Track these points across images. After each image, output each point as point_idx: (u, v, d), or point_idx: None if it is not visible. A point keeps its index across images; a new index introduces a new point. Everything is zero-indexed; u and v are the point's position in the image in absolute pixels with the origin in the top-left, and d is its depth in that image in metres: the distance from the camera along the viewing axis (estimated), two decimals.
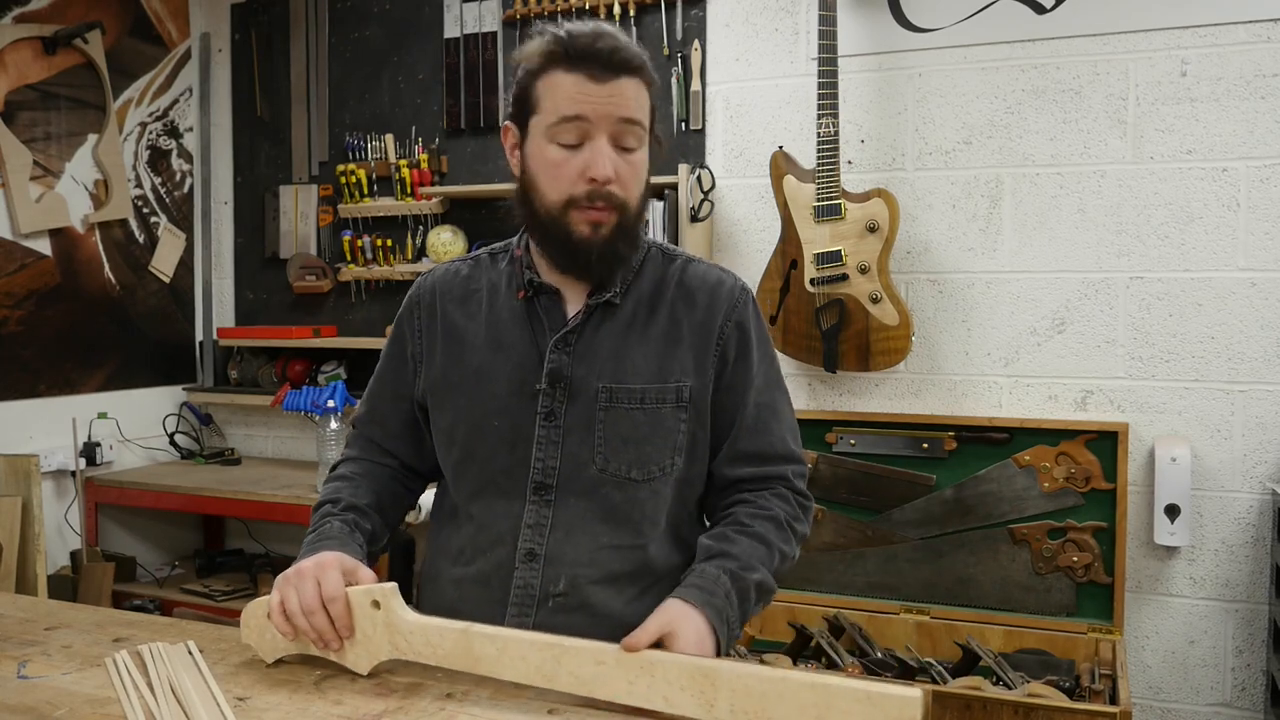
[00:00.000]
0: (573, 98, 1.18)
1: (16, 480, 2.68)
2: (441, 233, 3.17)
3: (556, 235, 1.23)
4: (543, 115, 1.21)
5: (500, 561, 1.26)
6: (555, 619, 1.22)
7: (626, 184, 1.22)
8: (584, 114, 1.18)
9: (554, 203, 1.22)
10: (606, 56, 1.18)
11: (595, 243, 1.22)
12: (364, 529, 1.28)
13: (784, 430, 1.32)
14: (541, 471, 1.26)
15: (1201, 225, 2.47)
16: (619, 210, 1.22)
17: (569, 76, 1.19)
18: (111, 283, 3.32)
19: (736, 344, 1.30)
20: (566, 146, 1.20)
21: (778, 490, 1.30)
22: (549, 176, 1.21)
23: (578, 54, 1.18)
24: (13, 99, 3.00)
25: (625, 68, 1.19)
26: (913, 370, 2.73)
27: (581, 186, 1.20)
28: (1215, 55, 2.44)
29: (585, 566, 1.24)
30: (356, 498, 1.32)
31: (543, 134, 1.21)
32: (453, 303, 1.35)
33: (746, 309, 1.32)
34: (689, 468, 1.29)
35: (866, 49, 2.73)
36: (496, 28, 3.16)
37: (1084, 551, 2.47)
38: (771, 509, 1.27)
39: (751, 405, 1.29)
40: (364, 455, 1.41)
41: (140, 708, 1.02)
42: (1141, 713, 2.54)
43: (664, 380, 1.26)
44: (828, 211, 2.55)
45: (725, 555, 1.21)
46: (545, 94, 1.20)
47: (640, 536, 1.26)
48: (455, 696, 1.05)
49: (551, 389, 1.26)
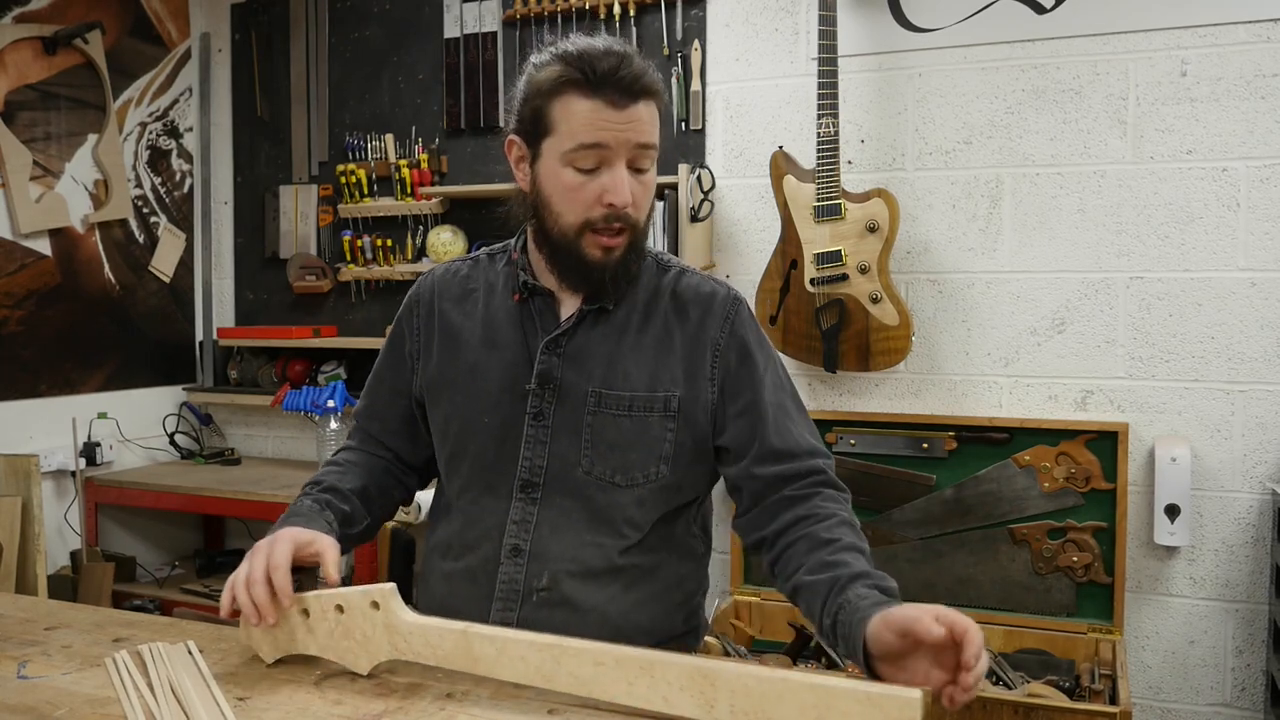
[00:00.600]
0: (592, 124, 1.18)
1: (16, 480, 2.68)
2: (441, 233, 3.17)
3: (570, 256, 1.25)
4: (558, 139, 1.21)
5: (487, 556, 1.29)
6: (539, 613, 1.24)
7: (641, 206, 1.24)
8: (604, 142, 1.19)
9: (569, 225, 1.23)
10: (628, 85, 1.18)
11: (608, 265, 1.24)
12: (338, 509, 1.30)
13: (804, 426, 1.31)
14: (529, 470, 1.28)
15: (1201, 225, 2.47)
16: (632, 231, 1.24)
17: (587, 102, 1.19)
18: (111, 283, 3.32)
19: (737, 352, 1.30)
20: (584, 171, 1.21)
21: (824, 493, 1.25)
22: (566, 200, 1.22)
23: (598, 80, 1.18)
24: (13, 99, 3.00)
25: (644, 94, 1.20)
26: (913, 370, 2.73)
27: (599, 210, 1.21)
28: (1215, 55, 2.44)
29: (568, 563, 1.26)
30: (341, 481, 1.35)
31: (558, 158, 1.21)
32: (450, 301, 1.38)
33: (740, 317, 1.32)
34: (676, 475, 1.29)
35: (866, 49, 2.73)
36: (496, 28, 3.16)
37: (1084, 551, 2.47)
38: (837, 512, 1.22)
39: (767, 405, 1.29)
40: (361, 446, 1.44)
41: (140, 708, 1.02)
42: (1141, 713, 2.54)
43: (654, 390, 1.27)
44: (828, 211, 2.55)
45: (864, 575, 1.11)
46: (561, 118, 1.20)
47: (622, 538, 1.27)
48: (455, 696, 1.05)
49: (541, 390, 1.28)
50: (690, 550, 1.36)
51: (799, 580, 1.16)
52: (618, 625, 1.25)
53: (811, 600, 1.13)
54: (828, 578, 1.12)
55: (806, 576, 1.15)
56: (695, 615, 1.38)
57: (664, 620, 1.31)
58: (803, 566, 1.16)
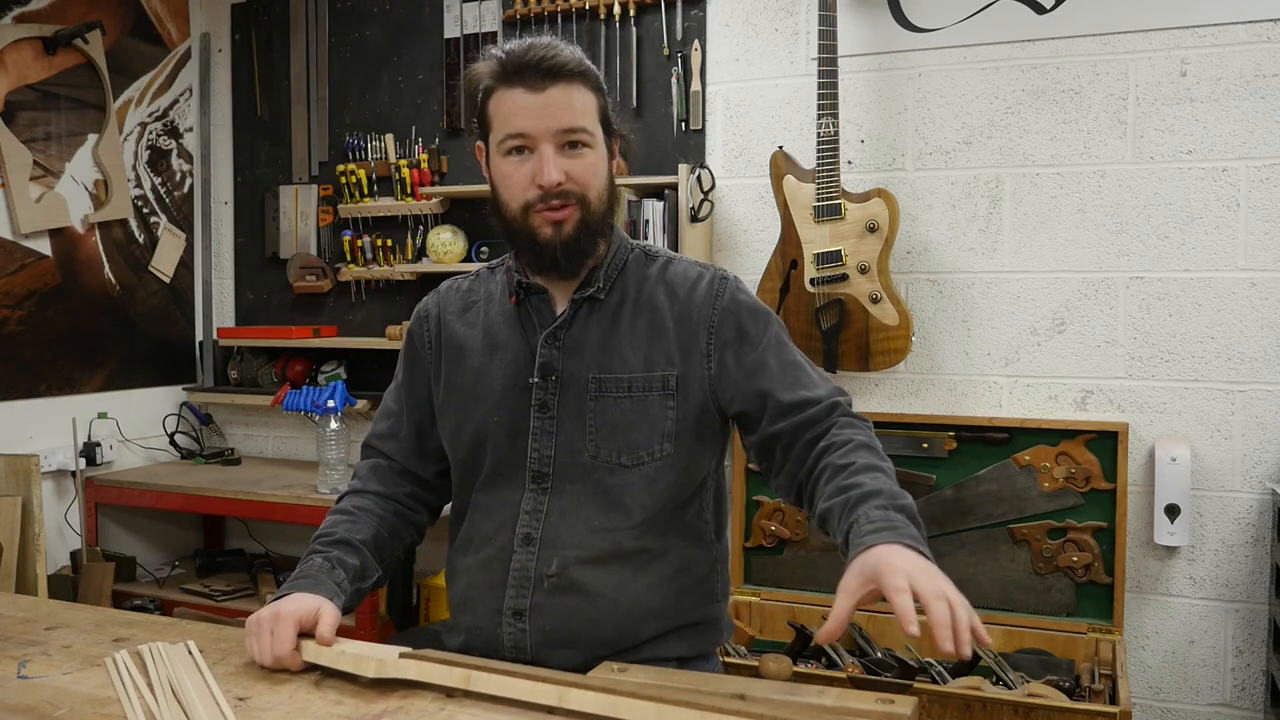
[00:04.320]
0: (515, 112, 1.26)
1: (16, 480, 2.68)
2: (441, 233, 3.17)
3: (524, 239, 1.31)
4: (495, 133, 1.29)
5: (502, 546, 1.32)
6: (551, 599, 1.28)
7: (581, 179, 1.28)
8: (525, 130, 1.26)
9: (515, 210, 1.30)
10: (536, 65, 1.24)
11: (558, 240, 1.28)
12: (349, 565, 1.31)
13: (813, 375, 1.33)
14: (538, 460, 1.32)
15: (1201, 225, 2.47)
16: (579, 204, 1.28)
17: (510, 92, 1.26)
18: (111, 283, 3.32)
19: (732, 324, 1.33)
20: (516, 158, 1.27)
21: (839, 421, 1.27)
22: (506, 187, 1.30)
23: (513, 68, 1.26)
24: (13, 99, 3.00)
25: (559, 74, 1.25)
26: (913, 370, 2.73)
27: (534, 192, 1.27)
28: (1215, 55, 2.44)
29: (576, 549, 1.29)
30: (352, 532, 1.35)
31: (496, 150, 1.29)
32: (454, 315, 1.44)
33: (728, 291, 1.35)
34: (680, 452, 1.32)
35: (866, 49, 2.73)
36: (497, 28, 3.16)
37: (1084, 551, 2.47)
38: (854, 437, 1.24)
39: (772, 365, 1.31)
40: (370, 485, 1.44)
41: (140, 708, 1.02)
42: (1141, 713, 2.54)
43: (650, 369, 1.31)
44: (828, 211, 2.55)
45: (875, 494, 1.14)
46: (495, 112, 1.29)
47: (630, 519, 1.30)
48: (455, 696, 1.05)
49: (544, 382, 1.33)
50: (699, 535, 1.37)
51: (821, 507, 1.19)
52: (628, 609, 1.28)
53: (829, 522, 1.17)
54: (841, 500, 1.15)
55: (825, 503, 1.18)
56: (709, 602, 1.38)
57: (674, 604, 1.32)
58: (824, 494, 1.19)
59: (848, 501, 1.15)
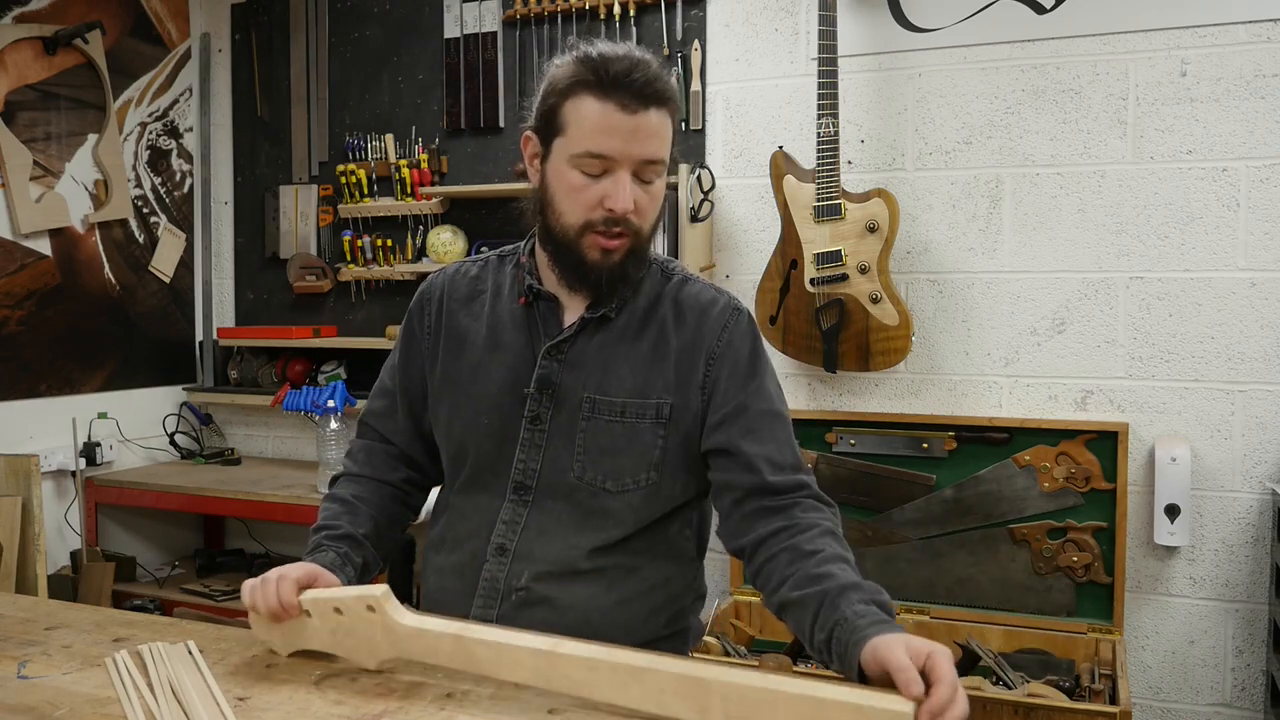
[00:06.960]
0: (603, 129, 1.19)
1: (16, 480, 2.68)
2: (441, 233, 3.17)
3: (570, 255, 1.26)
4: (568, 140, 1.22)
5: (474, 553, 1.30)
6: (519, 613, 1.26)
7: (644, 213, 1.25)
8: (610, 153, 1.20)
9: (570, 225, 1.24)
10: (639, 89, 1.19)
11: (605, 267, 1.24)
12: (355, 562, 1.31)
13: (788, 445, 1.28)
14: (522, 472, 1.30)
15: (1201, 225, 2.47)
16: (634, 236, 1.25)
17: (598, 105, 1.19)
18: (111, 283, 3.32)
19: (730, 362, 1.29)
20: (589, 174, 1.22)
21: (804, 504, 1.22)
22: (569, 200, 1.23)
23: (610, 82, 1.19)
24: (13, 99, 3.00)
25: (655, 99, 1.20)
26: (912, 370, 2.73)
27: (599, 213, 1.22)
28: (1215, 55, 2.44)
29: (549, 564, 1.27)
30: (354, 526, 1.34)
31: (566, 159, 1.22)
32: (458, 302, 1.40)
33: (738, 327, 1.31)
34: (665, 481, 1.29)
35: (866, 49, 2.73)
36: (496, 28, 3.16)
37: (1084, 551, 2.47)
38: (818, 523, 1.20)
39: (753, 416, 1.27)
40: (366, 470, 1.43)
41: (140, 708, 1.02)
42: (1141, 713, 2.54)
43: (645, 396, 1.28)
44: (828, 211, 2.55)
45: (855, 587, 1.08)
46: (573, 119, 1.21)
47: (609, 539, 1.28)
48: (455, 696, 1.05)
49: (539, 394, 1.30)
50: (680, 552, 1.35)
51: (785, 596, 1.13)
52: (597, 625, 1.25)
53: (801, 616, 1.11)
54: (816, 592, 1.09)
55: (794, 592, 1.12)
56: (681, 618, 1.36)
57: (644, 622, 1.30)
58: (788, 581, 1.13)
59: (826, 594, 1.08)
